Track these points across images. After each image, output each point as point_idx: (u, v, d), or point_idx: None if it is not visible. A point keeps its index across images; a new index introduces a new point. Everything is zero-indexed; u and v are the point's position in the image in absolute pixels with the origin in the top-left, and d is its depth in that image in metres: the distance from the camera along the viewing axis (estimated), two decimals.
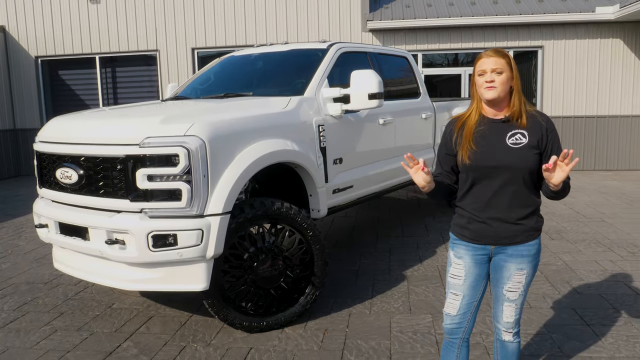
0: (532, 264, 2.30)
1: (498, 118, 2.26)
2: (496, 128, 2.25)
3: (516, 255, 2.27)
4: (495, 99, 2.21)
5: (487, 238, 2.29)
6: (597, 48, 10.31)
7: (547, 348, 3.25)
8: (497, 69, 2.18)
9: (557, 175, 2.06)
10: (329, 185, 4.16)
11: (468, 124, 2.28)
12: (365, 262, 5.05)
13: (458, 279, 2.36)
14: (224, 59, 5.30)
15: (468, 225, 2.32)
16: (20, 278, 4.86)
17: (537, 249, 2.30)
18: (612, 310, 3.79)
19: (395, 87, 5.52)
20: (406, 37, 10.64)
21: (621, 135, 10.46)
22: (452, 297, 2.39)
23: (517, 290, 2.30)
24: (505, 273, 2.30)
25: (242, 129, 3.40)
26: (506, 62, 2.20)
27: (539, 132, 2.21)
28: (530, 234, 2.27)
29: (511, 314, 2.35)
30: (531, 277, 2.33)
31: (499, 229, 2.26)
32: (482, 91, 2.22)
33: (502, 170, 2.20)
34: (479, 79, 2.22)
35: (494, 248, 2.30)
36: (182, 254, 3.13)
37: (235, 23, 11.01)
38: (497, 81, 2.18)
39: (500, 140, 2.22)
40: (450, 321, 2.40)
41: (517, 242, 2.26)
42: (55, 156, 3.55)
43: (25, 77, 11.88)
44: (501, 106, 2.25)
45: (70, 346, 3.46)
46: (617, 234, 5.85)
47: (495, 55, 2.20)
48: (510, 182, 2.21)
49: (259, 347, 3.37)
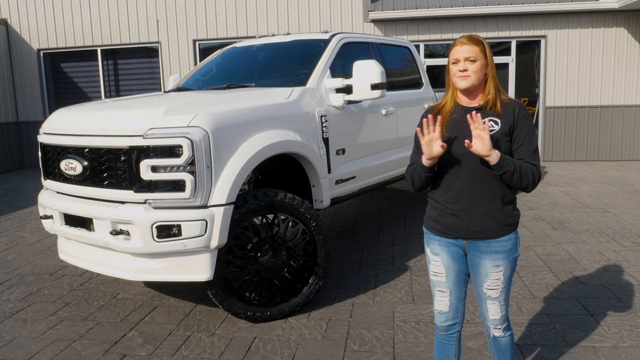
0: (508, 259, 2.21)
1: (472, 106, 2.21)
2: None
3: (490, 251, 2.19)
4: (468, 88, 2.15)
5: (458, 232, 2.21)
6: (600, 37, 10.25)
7: (550, 337, 3.26)
8: (471, 57, 2.12)
9: (476, 144, 2.00)
10: (331, 176, 4.16)
11: (443, 112, 2.22)
12: (368, 253, 5.06)
13: (440, 276, 2.30)
14: (226, 50, 5.29)
15: (439, 218, 2.25)
16: (26, 269, 4.89)
17: (512, 244, 2.20)
18: (616, 300, 3.80)
19: (397, 78, 5.51)
20: (408, 28, 10.59)
21: (624, 125, 10.42)
22: (440, 294, 2.33)
23: (496, 287, 2.22)
24: (481, 271, 2.22)
25: (245, 120, 3.40)
26: (480, 50, 2.14)
27: (511, 119, 2.14)
28: (504, 228, 2.18)
29: (496, 311, 2.27)
30: (510, 273, 2.24)
31: (469, 222, 2.18)
32: (455, 80, 2.16)
33: (470, 159, 2.13)
34: (453, 68, 2.16)
35: (467, 243, 2.23)
36: (186, 245, 3.15)
37: (236, 14, 10.98)
38: (470, 70, 2.12)
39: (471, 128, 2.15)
40: (445, 318, 2.35)
41: (489, 237, 2.18)
42: (59, 148, 3.56)
43: (28, 69, 11.88)
44: (476, 94, 2.20)
45: (76, 336, 3.49)
46: (621, 224, 5.84)
47: (468, 42, 2.14)
48: (480, 171, 2.13)
49: (263, 336, 3.40)
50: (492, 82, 2.17)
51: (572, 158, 10.64)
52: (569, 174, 9.24)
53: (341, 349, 3.20)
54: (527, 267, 4.53)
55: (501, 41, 10.70)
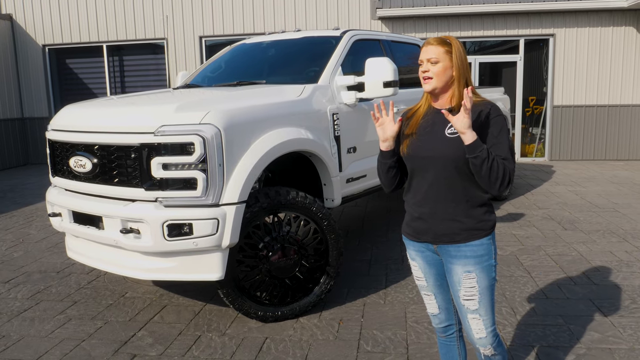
0: (481, 266, 2.08)
1: (443, 109, 2.12)
2: (439, 118, 2.12)
3: (460, 256, 2.10)
4: (432, 91, 2.09)
5: (426, 235, 2.15)
6: (609, 36, 10.17)
7: (565, 339, 3.22)
8: (432, 58, 2.05)
9: (455, 120, 1.92)
10: (343, 174, 4.12)
11: (417, 114, 2.18)
12: (377, 252, 5.02)
13: (421, 280, 2.28)
14: (235, 47, 5.24)
15: (410, 222, 2.21)
16: (33, 267, 4.86)
17: (485, 250, 2.09)
18: (630, 301, 3.75)
19: (407, 75, 5.45)
20: (416, 25, 10.53)
21: (633, 125, 10.34)
22: (426, 297, 2.31)
23: (472, 297, 2.10)
24: (454, 277, 2.13)
25: (257, 117, 3.35)
26: (445, 51, 2.05)
27: (479, 120, 2.06)
28: (472, 233, 2.08)
29: (479, 327, 2.14)
30: (487, 283, 2.11)
31: (435, 225, 2.11)
32: (421, 82, 2.10)
33: (435, 161, 2.07)
34: (419, 70, 2.11)
35: (437, 247, 2.16)
36: (198, 244, 3.11)
37: (244, 11, 10.92)
38: (431, 72, 2.05)
39: (440, 130, 2.09)
40: (439, 320, 2.33)
41: (456, 241, 2.09)
42: (68, 144, 3.52)
43: (33, 65, 11.85)
44: (444, 97, 2.12)
45: (85, 335, 3.45)
46: (631, 224, 5.79)
47: (433, 43, 2.07)
48: (444, 173, 2.07)
49: (274, 336, 3.36)
50: (457, 85, 2.07)
51: (579, 157, 10.57)
52: (577, 173, 9.17)
53: (354, 350, 3.16)
54: (539, 267, 4.48)
55: (509, 39, 10.62)
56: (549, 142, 10.57)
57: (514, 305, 3.73)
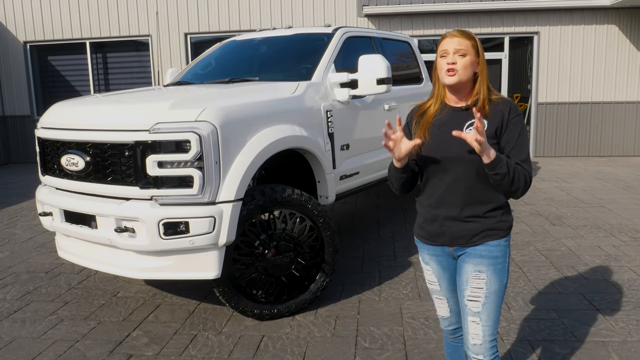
0: (494, 268, 1.99)
1: (459, 106, 2.02)
2: (455, 117, 2.01)
3: (474, 255, 2.02)
4: (455, 85, 1.96)
5: (442, 238, 2.07)
6: (592, 34, 10.32)
7: (559, 333, 3.26)
8: (461, 50, 1.93)
9: (471, 140, 1.79)
10: (336, 171, 4.12)
11: (428, 112, 2.05)
12: (369, 249, 5.03)
13: (434, 284, 2.20)
14: (225, 44, 5.20)
15: (424, 224, 2.11)
16: (20, 267, 4.77)
17: (501, 251, 2.01)
18: (620, 295, 3.82)
19: (398, 72, 5.47)
20: (402, 23, 10.56)
21: (615, 121, 10.52)
22: (438, 301, 2.24)
23: (478, 299, 2.00)
24: (463, 276, 2.05)
25: (253, 115, 3.33)
26: (472, 45, 1.95)
27: (499, 120, 1.96)
28: (489, 233, 2.00)
29: (477, 333, 2.02)
30: (496, 286, 2.00)
31: (452, 228, 2.03)
32: (442, 75, 1.96)
33: (455, 163, 1.97)
34: (441, 61, 1.96)
35: (453, 249, 2.08)
36: (194, 242, 3.08)
37: (229, 8, 10.84)
38: (459, 64, 1.93)
39: (457, 129, 1.95)
40: (448, 323, 2.27)
41: (474, 242, 2.01)
42: (59, 143, 3.46)
43: (14, 63, 11.62)
44: (463, 93, 2.01)
45: (78, 336, 3.40)
46: (617, 219, 5.89)
47: (459, 35, 1.95)
48: (464, 175, 1.97)
49: (271, 334, 3.35)
50: (482, 82, 2.00)
51: (563, 154, 10.72)
52: (561, 169, 9.30)
53: (352, 347, 3.16)
54: (529, 262, 4.53)
55: (494, 37, 10.72)
56: (533, 139, 10.70)
57: (507, 300, 3.77)
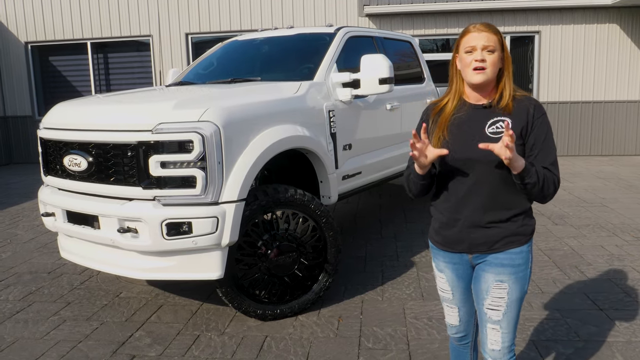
0: (516, 277, 1.91)
1: (480, 103, 1.91)
2: (476, 115, 1.90)
3: (495, 264, 1.91)
4: (482, 83, 1.85)
5: (461, 245, 1.95)
6: (593, 33, 10.30)
7: (563, 333, 3.25)
8: (489, 46, 1.81)
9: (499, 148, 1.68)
10: (339, 171, 4.11)
11: (445, 110, 1.94)
12: (371, 249, 5.02)
13: (447, 293, 2.12)
14: (227, 44, 5.19)
15: (441, 230, 2.01)
16: (22, 267, 4.77)
17: (523, 259, 1.91)
18: (624, 294, 3.81)
19: (400, 72, 5.46)
20: (403, 22, 10.55)
21: (617, 120, 10.50)
22: (448, 309, 2.16)
23: (498, 308, 1.93)
24: (482, 285, 1.95)
25: (255, 115, 3.33)
26: (498, 40, 1.84)
27: (524, 119, 1.85)
28: (512, 239, 1.90)
29: (496, 339, 1.96)
30: (517, 295, 1.93)
31: (472, 234, 1.92)
32: (468, 72, 1.85)
33: (476, 164, 1.85)
34: (467, 57, 1.84)
35: (472, 257, 1.97)
36: (197, 242, 3.08)
37: (230, 8, 10.83)
38: (488, 61, 1.81)
39: (479, 128, 1.87)
40: (456, 331, 2.20)
41: (495, 250, 1.91)
42: (62, 143, 3.45)
43: (15, 63, 11.61)
44: (487, 90, 1.90)
45: (81, 336, 3.40)
46: (619, 218, 5.88)
47: (487, 30, 1.82)
48: (486, 178, 1.86)
49: (274, 335, 3.34)
50: (508, 78, 1.88)
51: (565, 153, 10.70)
52: (563, 168, 9.29)
53: (355, 347, 3.16)
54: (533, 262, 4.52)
55: None
56: None
57: None
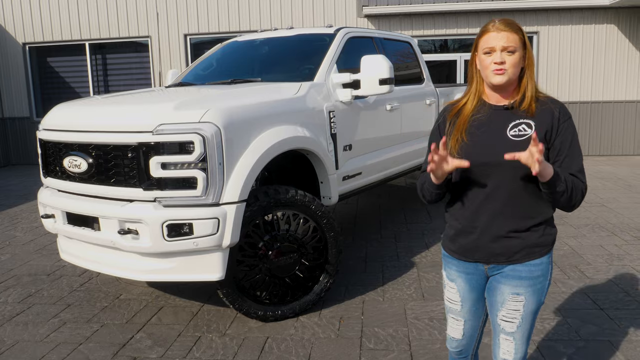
0: (533, 289, 1.83)
1: (501, 104, 1.83)
2: (497, 116, 1.82)
3: (513, 276, 1.84)
4: (504, 84, 1.78)
5: (477, 254, 1.87)
6: (591, 34, 10.32)
7: (564, 332, 3.25)
8: (510, 47, 1.73)
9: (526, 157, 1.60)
10: (339, 172, 4.11)
11: (464, 111, 1.86)
12: (372, 249, 5.02)
13: (455, 304, 2.02)
14: (226, 45, 5.18)
15: (456, 237, 1.92)
16: (22, 269, 4.75)
17: (542, 270, 1.83)
18: (624, 294, 3.81)
19: (400, 73, 5.46)
20: (402, 23, 10.55)
21: (615, 121, 10.52)
22: (453, 321, 2.06)
23: (513, 320, 1.86)
24: (498, 297, 1.88)
25: (256, 115, 3.32)
26: (519, 39, 1.75)
27: (548, 122, 1.77)
28: (532, 250, 1.81)
29: (509, 350, 1.90)
30: (534, 307, 1.86)
31: (490, 243, 1.83)
32: (487, 74, 1.77)
33: (497, 169, 1.76)
34: (486, 59, 1.76)
35: (488, 268, 1.89)
36: (198, 243, 3.07)
37: (229, 9, 10.82)
38: (508, 63, 1.74)
39: (500, 131, 1.79)
40: (457, 345, 2.09)
41: (514, 261, 1.82)
42: (62, 144, 3.44)
43: (13, 64, 11.59)
44: (509, 91, 1.82)
45: (81, 339, 3.39)
46: (619, 218, 5.89)
47: (507, 29, 1.74)
48: (507, 184, 1.78)
49: (275, 336, 3.34)
50: (530, 78, 1.81)
51: None
52: None
53: (357, 348, 3.15)
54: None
55: None
56: None
57: None
